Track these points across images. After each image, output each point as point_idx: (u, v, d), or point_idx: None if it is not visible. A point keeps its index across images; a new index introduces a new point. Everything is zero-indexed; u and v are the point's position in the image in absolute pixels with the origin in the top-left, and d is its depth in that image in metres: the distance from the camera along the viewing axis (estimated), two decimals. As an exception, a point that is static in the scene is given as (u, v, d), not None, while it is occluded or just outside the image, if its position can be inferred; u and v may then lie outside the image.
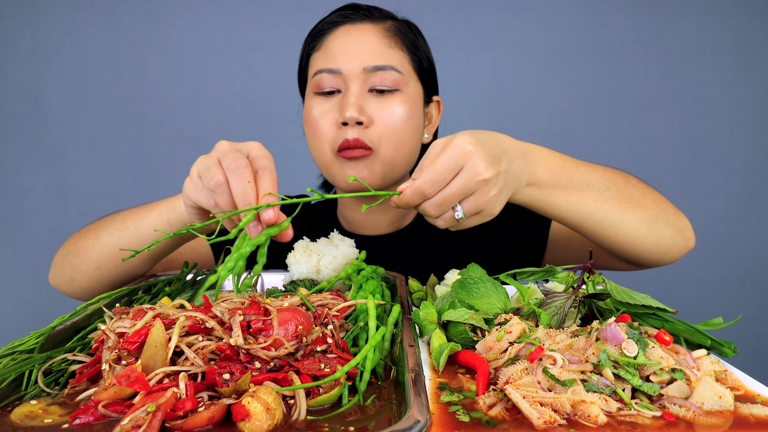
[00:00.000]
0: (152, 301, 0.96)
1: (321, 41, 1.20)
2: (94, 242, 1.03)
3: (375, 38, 1.16)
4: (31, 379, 0.65)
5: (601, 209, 0.91)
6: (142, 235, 0.98)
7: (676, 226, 1.00)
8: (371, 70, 1.12)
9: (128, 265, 1.03)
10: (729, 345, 0.74)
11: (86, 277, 1.06)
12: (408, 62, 1.18)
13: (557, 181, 0.87)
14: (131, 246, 0.98)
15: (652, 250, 0.98)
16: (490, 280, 0.84)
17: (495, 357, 0.71)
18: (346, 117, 1.09)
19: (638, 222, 0.94)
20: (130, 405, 0.57)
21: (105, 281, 1.06)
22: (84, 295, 1.10)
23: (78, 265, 1.05)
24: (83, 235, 1.07)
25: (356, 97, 1.11)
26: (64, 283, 1.10)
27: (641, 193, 0.97)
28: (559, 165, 0.88)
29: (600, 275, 0.86)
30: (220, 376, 0.59)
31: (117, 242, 1.01)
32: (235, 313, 0.67)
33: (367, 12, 1.21)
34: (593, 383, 0.61)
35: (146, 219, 0.98)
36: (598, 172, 0.93)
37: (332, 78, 1.14)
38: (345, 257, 1.02)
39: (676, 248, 1.01)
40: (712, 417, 0.59)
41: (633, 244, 0.96)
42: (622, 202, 0.93)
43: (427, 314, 0.81)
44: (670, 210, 1.00)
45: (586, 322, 0.83)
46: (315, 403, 0.60)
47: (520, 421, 0.57)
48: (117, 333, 0.66)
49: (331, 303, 0.80)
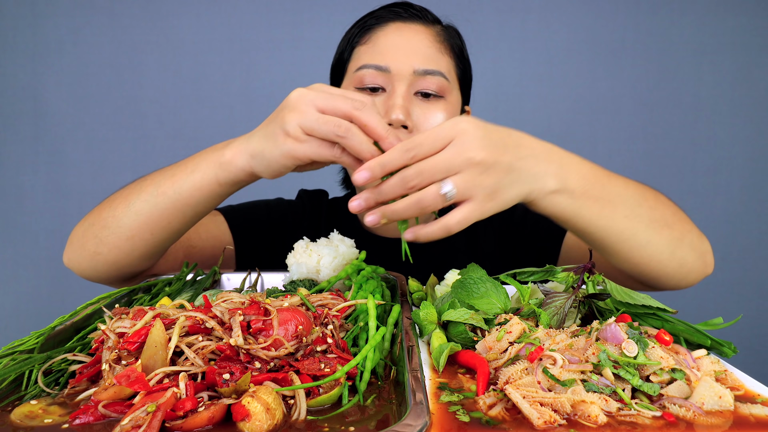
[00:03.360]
0: (152, 301, 0.96)
1: (368, 35, 1.15)
2: (125, 210, 0.94)
3: (428, 41, 1.13)
4: (31, 379, 0.65)
5: (630, 227, 0.84)
6: (184, 198, 0.90)
7: (698, 251, 0.93)
8: (421, 73, 1.09)
9: (166, 231, 0.95)
10: (729, 345, 0.74)
11: (115, 248, 0.96)
12: (454, 70, 1.16)
13: (590, 191, 0.80)
14: (173, 211, 0.91)
15: (672, 274, 0.92)
16: (490, 280, 0.84)
17: (495, 357, 0.71)
18: (392, 119, 1.05)
19: (664, 244, 0.87)
20: (130, 405, 0.57)
21: (137, 252, 0.97)
22: (107, 272, 1.01)
23: (106, 237, 0.96)
24: (108, 205, 0.98)
25: (403, 99, 1.07)
26: (86, 259, 0.99)
27: (671, 212, 0.90)
28: (592, 173, 0.82)
29: (600, 275, 0.86)
30: (220, 376, 0.59)
31: (154, 208, 0.92)
32: (235, 313, 0.67)
33: (419, 12, 1.18)
34: (593, 383, 0.61)
35: (187, 181, 0.89)
36: (630, 186, 0.86)
37: (378, 75, 1.10)
38: (345, 257, 1.02)
39: (696, 273, 0.95)
40: (712, 417, 0.59)
41: (655, 267, 0.90)
42: (652, 221, 0.86)
43: (427, 314, 0.81)
44: (695, 233, 0.93)
45: (586, 322, 0.83)
46: (315, 403, 0.60)
47: (520, 421, 0.57)
48: (117, 333, 0.66)
49: (331, 303, 0.80)
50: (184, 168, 0.91)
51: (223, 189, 0.89)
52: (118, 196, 0.98)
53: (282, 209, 1.40)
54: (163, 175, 0.94)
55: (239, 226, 1.29)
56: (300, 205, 1.42)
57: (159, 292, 0.99)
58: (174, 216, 0.92)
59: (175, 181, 0.91)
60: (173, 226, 0.94)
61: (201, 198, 0.90)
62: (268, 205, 1.39)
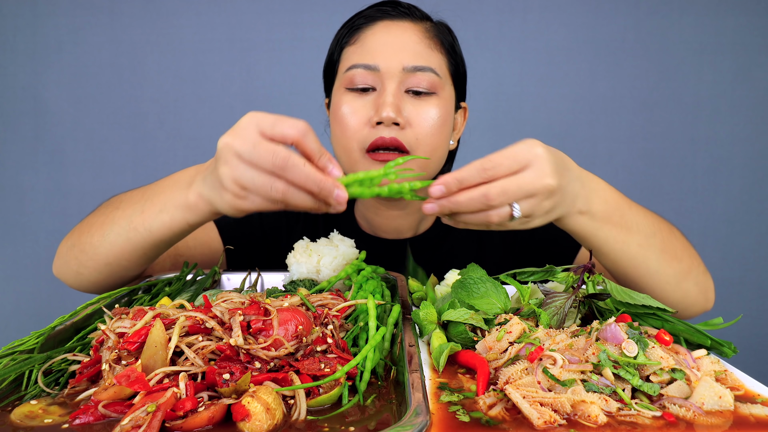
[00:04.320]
0: (152, 301, 0.96)
1: (357, 35, 1.15)
2: (100, 239, 0.95)
3: (416, 38, 1.13)
4: (31, 379, 0.65)
5: (642, 254, 0.88)
6: (156, 236, 0.90)
7: (702, 286, 0.97)
8: (411, 70, 1.09)
9: (142, 259, 0.96)
10: (729, 345, 0.74)
11: (95, 272, 0.98)
12: (445, 65, 1.16)
13: (611, 216, 0.85)
14: (145, 245, 0.92)
15: (675, 304, 0.95)
16: (490, 280, 0.84)
17: (495, 357, 0.71)
18: (383, 116, 1.06)
19: (671, 275, 0.92)
20: (130, 405, 0.57)
21: (117, 274, 0.99)
22: (92, 289, 1.03)
23: (85, 261, 0.98)
24: (87, 229, 0.99)
25: (394, 97, 1.07)
26: (71, 276, 1.02)
27: (681, 246, 0.95)
28: (614, 200, 0.86)
29: (600, 275, 0.86)
30: (220, 376, 0.59)
31: (127, 242, 0.93)
32: (235, 313, 0.67)
33: (407, 9, 1.18)
34: (593, 383, 0.61)
35: (157, 221, 0.88)
36: (648, 217, 0.91)
37: (368, 74, 1.10)
38: (345, 257, 1.02)
39: (696, 307, 0.98)
40: (712, 417, 0.59)
41: (660, 295, 0.93)
42: (663, 252, 0.90)
43: (427, 314, 0.81)
44: (701, 269, 0.98)
45: (586, 322, 0.83)
46: (315, 403, 0.60)
47: (520, 421, 0.57)
48: (117, 333, 0.66)
49: (331, 303, 0.80)
50: (152, 205, 0.89)
51: (195, 227, 0.89)
52: (95, 221, 0.99)
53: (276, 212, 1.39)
54: (132, 208, 0.93)
55: (229, 231, 1.28)
56: None
57: (159, 292, 0.99)
58: (149, 248, 0.92)
59: (144, 218, 0.90)
60: (149, 255, 0.95)
61: (172, 235, 0.90)
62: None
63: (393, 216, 1.27)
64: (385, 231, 1.30)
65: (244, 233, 1.31)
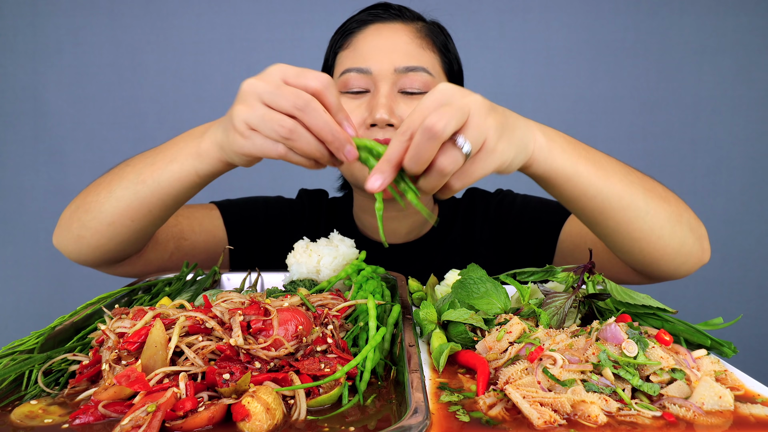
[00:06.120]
0: (152, 301, 0.96)
1: (349, 39, 1.16)
2: (107, 196, 0.94)
3: (407, 38, 1.13)
4: (31, 379, 0.65)
5: (628, 192, 0.83)
6: (164, 188, 0.89)
7: (697, 233, 0.92)
8: (402, 71, 1.10)
9: (147, 219, 0.95)
10: (729, 345, 0.74)
11: (97, 233, 0.97)
12: (439, 64, 1.16)
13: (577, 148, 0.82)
14: (152, 200, 0.91)
15: (673, 255, 0.90)
16: (490, 281, 0.84)
17: (495, 357, 0.71)
18: (376, 118, 1.06)
19: (664, 217, 0.86)
20: (130, 405, 0.57)
21: (119, 238, 0.97)
22: (92, 255, 1.01)
23: (88, 221, 0.96)
24: (93, 189, 0.98)
25: (386, 98, 1.08)
26: (71, 242, 1.00)
27: (662, 189, 0.90)
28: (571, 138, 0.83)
29: (600, 275, 0.86)
30: (220, 376, 0.59)
31: (134, 196, 0.91)
32: (235, 313, 0.67)
33: (398, 11, 1.18)
34: (593, 383, 0.61)
35: (166, 171, 0.88)
36: (611, 158, 0.86)
37: (361, 77, 1.11)
38: (345, 258, 1.02)
39: (694, 258, 0.93)
40: (712, 417, 0.59)
41: (656, 244, 0.88)
42: (647, 191, 0.85)
43: (427, 314, 0.81)
44: (692, 214, 0.92)
45: (586, 322, 0.83)
46: (315, 403, 0.60)
47: (520, 421, 0.57)
48: (117, 333, 0.66)
49: (331, 303, 0.80)
50: (164, 156, 0.90)
51: (202, 180, 0.89)
52: (103, 181, 0.98)
53: (280, 207, 1.39)
54: (143, 162, 0.93)
55: (234, 222, 1.29)
56: (300, 205, 1.42)
57: (159, 292, 0.99)
58: (154, 204, 0.92)
59: (154, 170, 0.90)
60: (154, 213, 0.94)
61: (180, 188, 0.90)
62: (267, 203, 1.39)
63: (390, 218, 1.27)
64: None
65: (248, 225, 1.31)
